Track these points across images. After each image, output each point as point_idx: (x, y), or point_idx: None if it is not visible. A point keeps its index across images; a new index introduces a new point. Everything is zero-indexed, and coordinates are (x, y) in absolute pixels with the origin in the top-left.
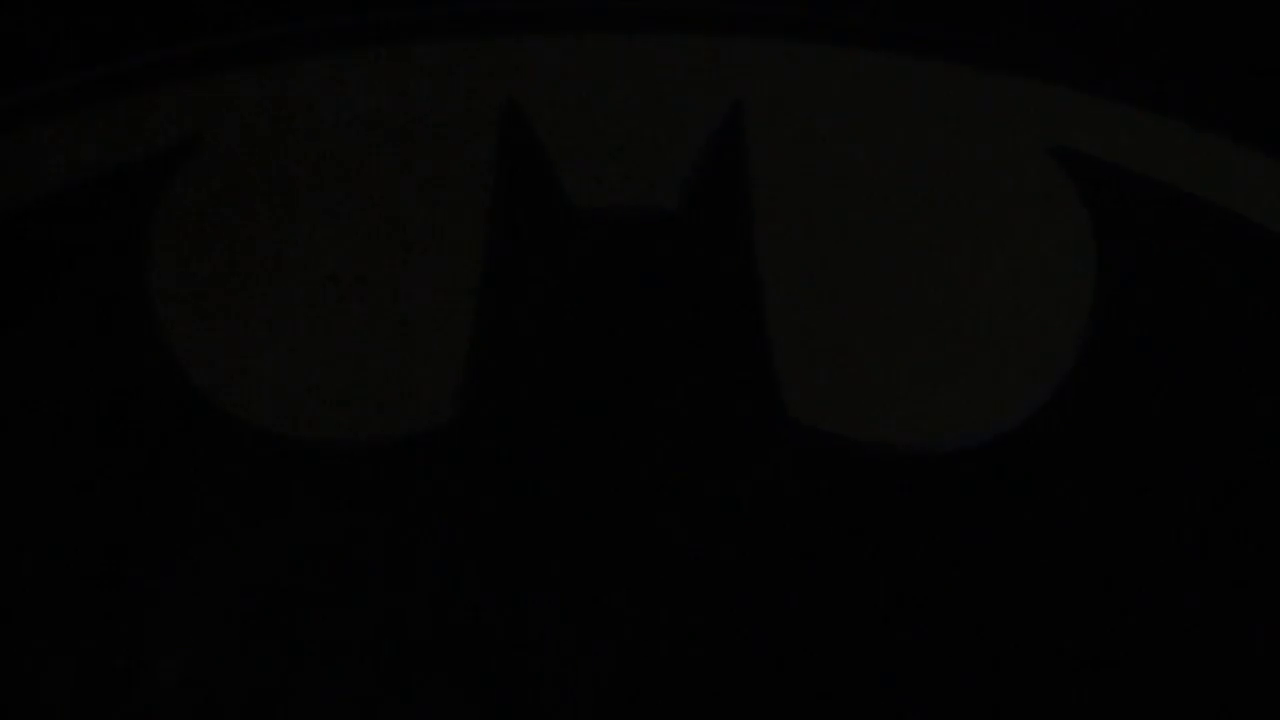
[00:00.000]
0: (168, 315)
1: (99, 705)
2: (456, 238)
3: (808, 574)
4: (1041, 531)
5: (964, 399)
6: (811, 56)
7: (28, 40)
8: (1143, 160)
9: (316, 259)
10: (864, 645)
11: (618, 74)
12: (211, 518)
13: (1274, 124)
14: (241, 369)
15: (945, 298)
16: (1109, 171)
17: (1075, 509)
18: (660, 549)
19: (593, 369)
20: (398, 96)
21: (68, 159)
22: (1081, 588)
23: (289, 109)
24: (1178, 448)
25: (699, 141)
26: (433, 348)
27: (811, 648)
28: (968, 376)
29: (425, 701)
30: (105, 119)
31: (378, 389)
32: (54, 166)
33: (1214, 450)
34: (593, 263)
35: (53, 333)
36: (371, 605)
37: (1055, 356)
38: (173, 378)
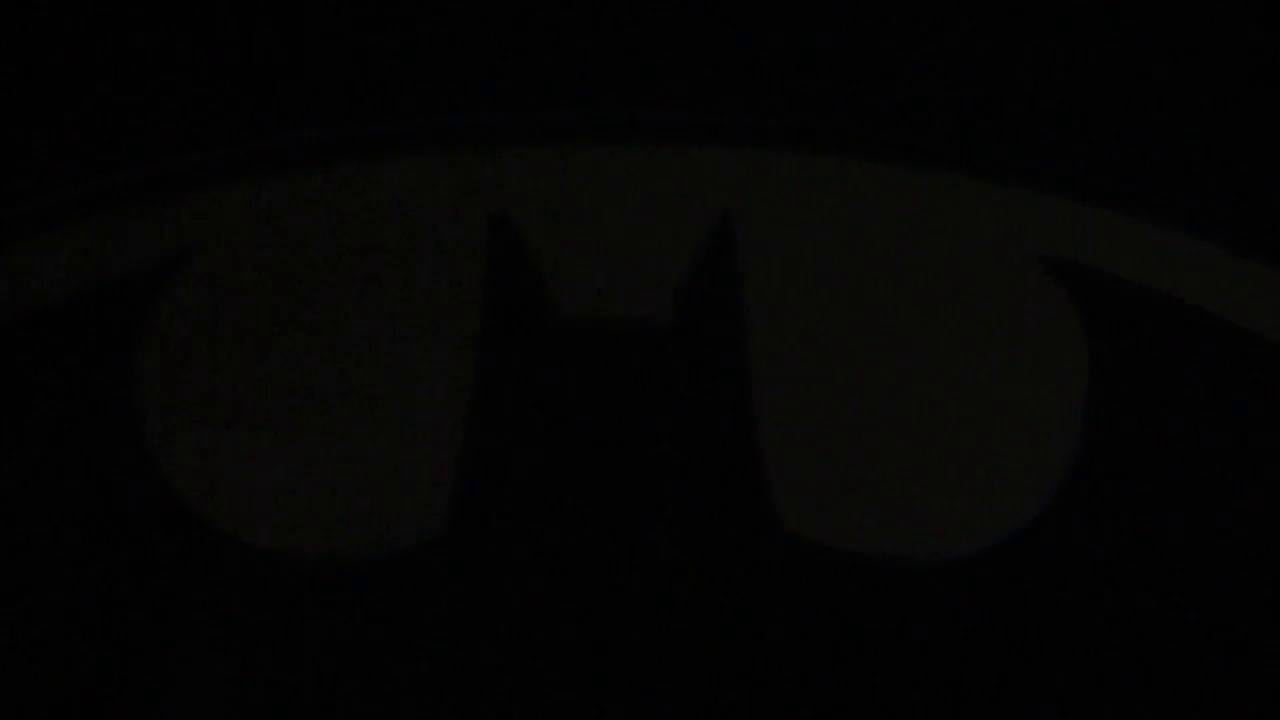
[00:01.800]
0: (156, 430)
1: None
2: (446, 349)
3: (798, 683)
4: (1036, 640)
5: (956, 510)
6: (801, 166)
7: (17, 157)
8: (1134, 267)
9: (306, 373)
10: None
11: (607, 185)
12: (201, 633)
13: (1265, 230)
14: (230, 484)
15: (936, 407)
16: (1100, 278)
17: (1068, 619)
18: (655, 660)
19: (584, 481)
20: (386, 210)
21: (56, 275)
22: (1073, 697)
23: (277, 224)
24: (1171, 555)
25: (689, 252)
26: (424, 461)
27: None
28: (960, 487)
29: None
30: (93, 235)
31: (367, 503)
32: (43, 282)
33: (1208, 556)
34: (583, 374)
35: (41, 448)
36: (364, 717)
37: (1048, 466)
38: (161, 493)
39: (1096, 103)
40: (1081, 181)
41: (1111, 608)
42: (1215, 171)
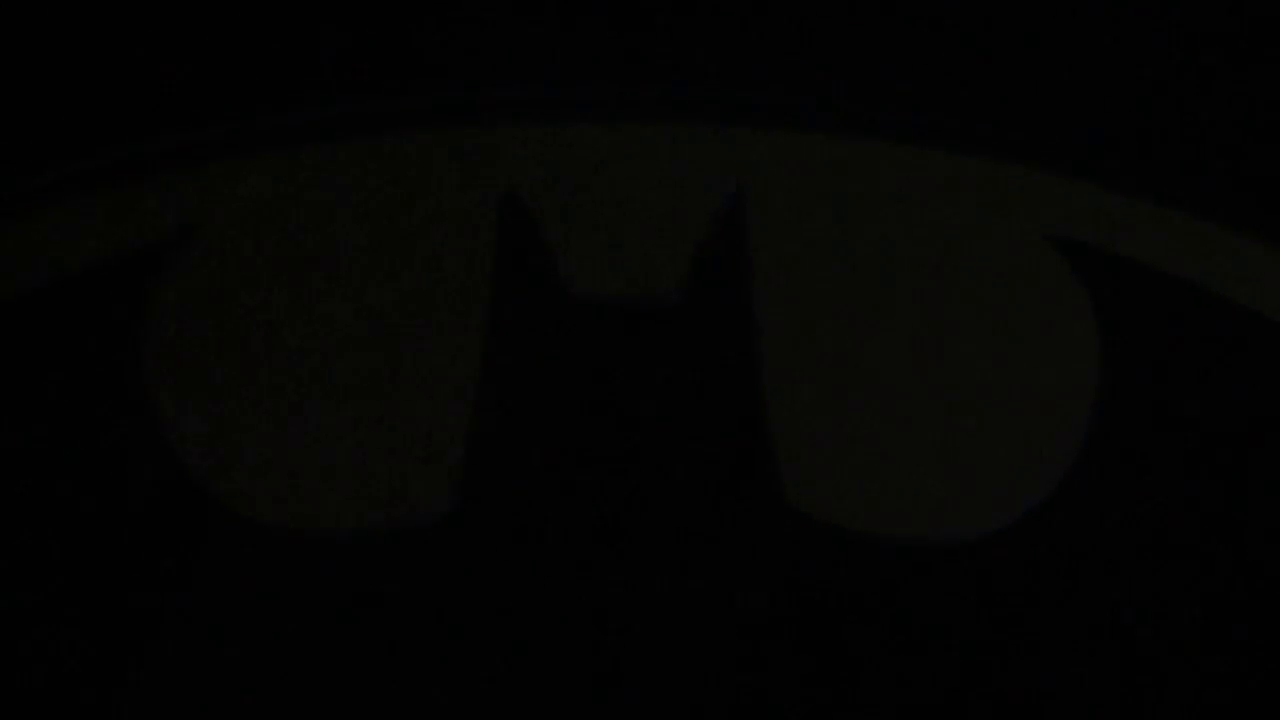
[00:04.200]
0: (164, 405)
1: None
2: (455, 327)
3: (804, 662)
4: (1039, 624)
5: (966, 490)
6: (812, 145)
7: (27, 130)
8: (1143, 248)
9: (313, 348)
10: None
11: (617, 163)
12: (206, 609)
13: (1275, 213)
14: (238, 459)
15: (946, 387)
16: (1111, 261)
17: (1075, 601)
18: (658, 639)
19: (591, 460)
20: (396, 186)
21: (65, 249)
22: (1088, 678)
23: (287, 200)
24: (1180, 539)
25: (699, 231)
26: (430, 439)
27: None
28: (970, 466)
29: None
30: (102, 209)
31: (374, 480)
32: (52, 256)
33: (1217, 540)
34: (592, 353)
35: (48, 424)
36: (365, 696)
37: (1058, 446)
38: (168, 467)
39: (1108, 82)
40: (1092, 162)
41: (1122, 589)
42: (1226, 152)
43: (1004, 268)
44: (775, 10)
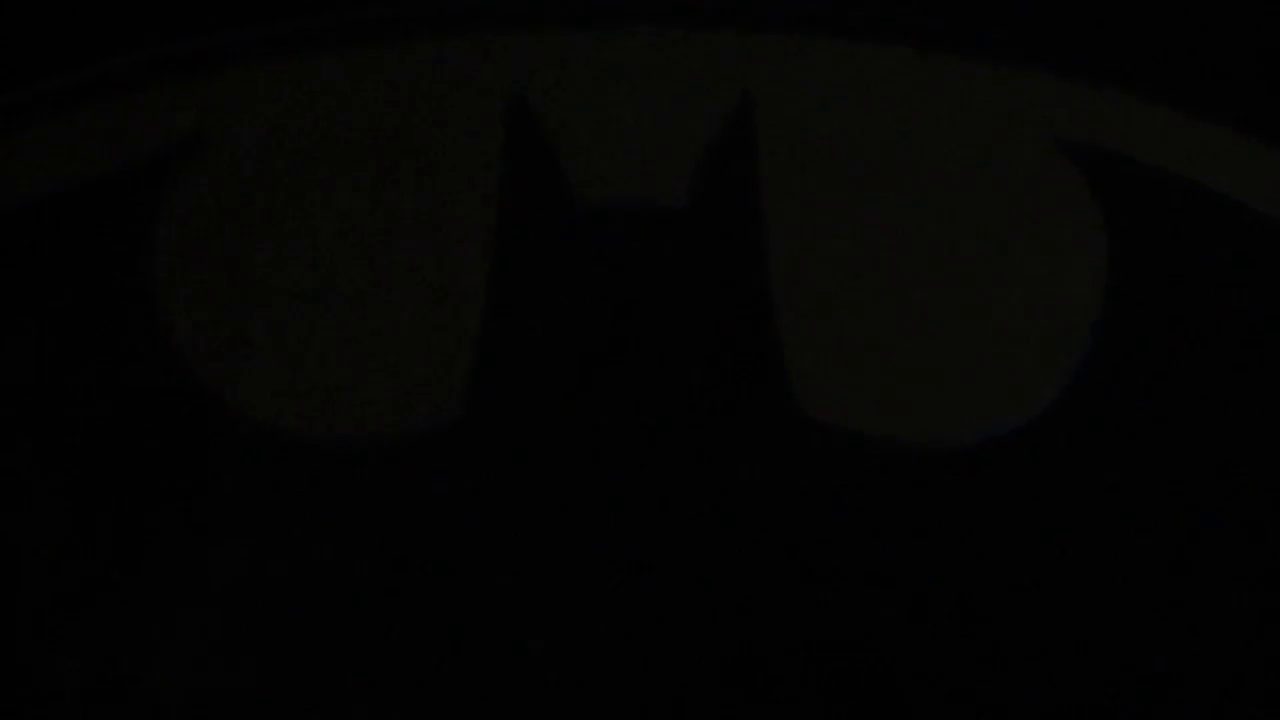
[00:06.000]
0: (173, 313)
1: (102, 703)
2: (464, 235)
3: (816, 566)
4: (1050, 528)
5: (974, 394)
6: (820, 51)
7: (30, 39)
8: (1153, 152)
9: (323, 256)
10: (870, 637)
11: (625, 70)
12: (216, 515)
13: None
14: (247, 367)
15: (955, 292)
16: (1119, 164)
17: (1085, 505)
18: (669, 545)
19: (601, 367)
20: (404, 93)
21: (71, 158)
22: (1089, 586)
23: (294, 106)
24: (1188, 442)
25: (707, 137)
26: (440, 346)
27: (820, 639)
28: (978, 372)
29: (426, 702)
30: (108, 118)
31: (384, 387)
32: (57, 166)
33: (1223, 444)
34: (601, 260)
35: (57, 333)
36: (375, 604)
37: (1066, 352)
38: (178, 376)
39: None
40: (1101, 66)
41: (1128, 494)
42: (1238, 56)
43: (1012, 172)
44: None
